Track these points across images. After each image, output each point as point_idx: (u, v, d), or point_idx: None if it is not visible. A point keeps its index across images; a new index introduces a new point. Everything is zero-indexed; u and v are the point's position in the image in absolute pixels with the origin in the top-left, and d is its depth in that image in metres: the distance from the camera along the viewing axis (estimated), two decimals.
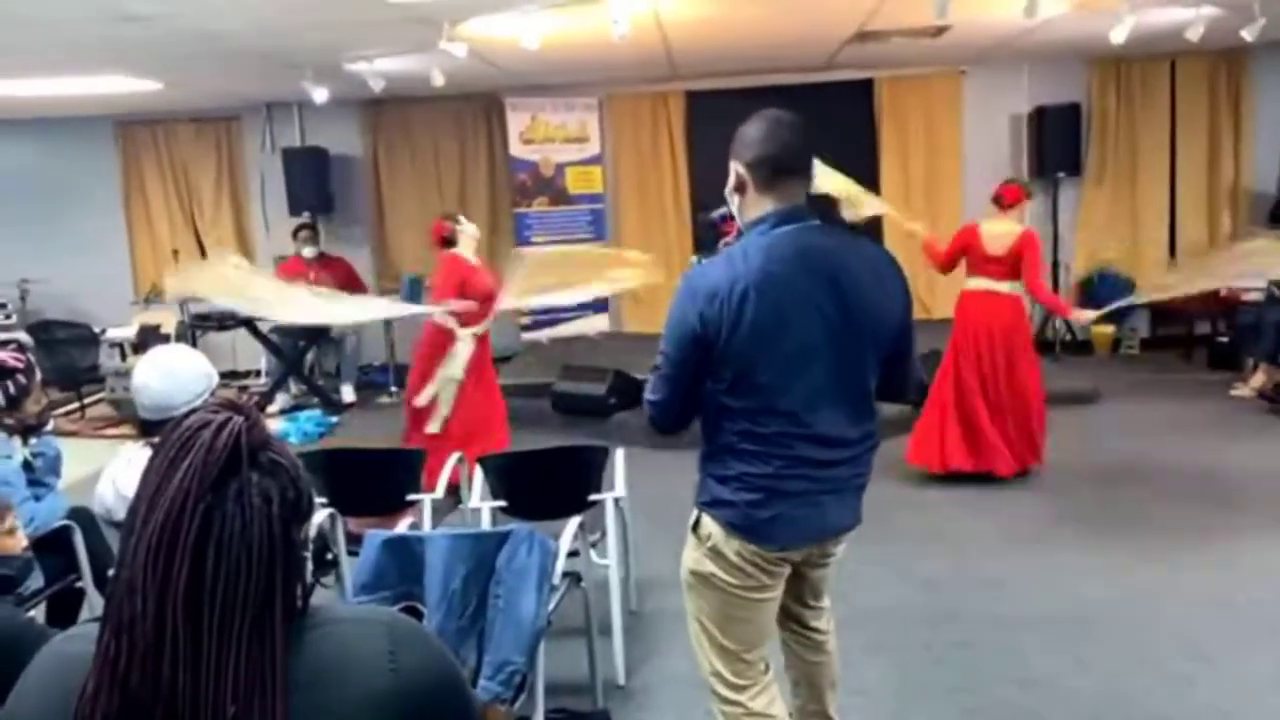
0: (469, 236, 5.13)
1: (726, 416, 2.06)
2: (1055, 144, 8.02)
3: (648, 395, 2.14)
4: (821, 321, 2.01)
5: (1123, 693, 3.07)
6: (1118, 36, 5.85)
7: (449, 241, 5.12)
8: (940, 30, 6.31)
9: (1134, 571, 3.95)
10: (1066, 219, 8.26)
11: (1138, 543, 4.25)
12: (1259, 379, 6.51)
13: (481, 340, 5.08)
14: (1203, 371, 7.39)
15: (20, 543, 2.60)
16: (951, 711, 3.03)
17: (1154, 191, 8.24)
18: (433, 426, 4.88)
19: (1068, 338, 8.15)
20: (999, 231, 4.90)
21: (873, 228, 6.59)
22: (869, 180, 8.44)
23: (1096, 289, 8.16)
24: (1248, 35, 5.88)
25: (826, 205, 4.15)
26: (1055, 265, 8.19)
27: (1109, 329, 8.22)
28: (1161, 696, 3.04)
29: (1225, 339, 7.46)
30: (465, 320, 4.98)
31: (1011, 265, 4.86)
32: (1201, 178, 8.20)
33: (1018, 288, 4.94)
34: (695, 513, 2.18)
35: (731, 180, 2.09)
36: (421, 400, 4.95)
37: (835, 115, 8.34)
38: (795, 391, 2.01)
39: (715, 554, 2.13)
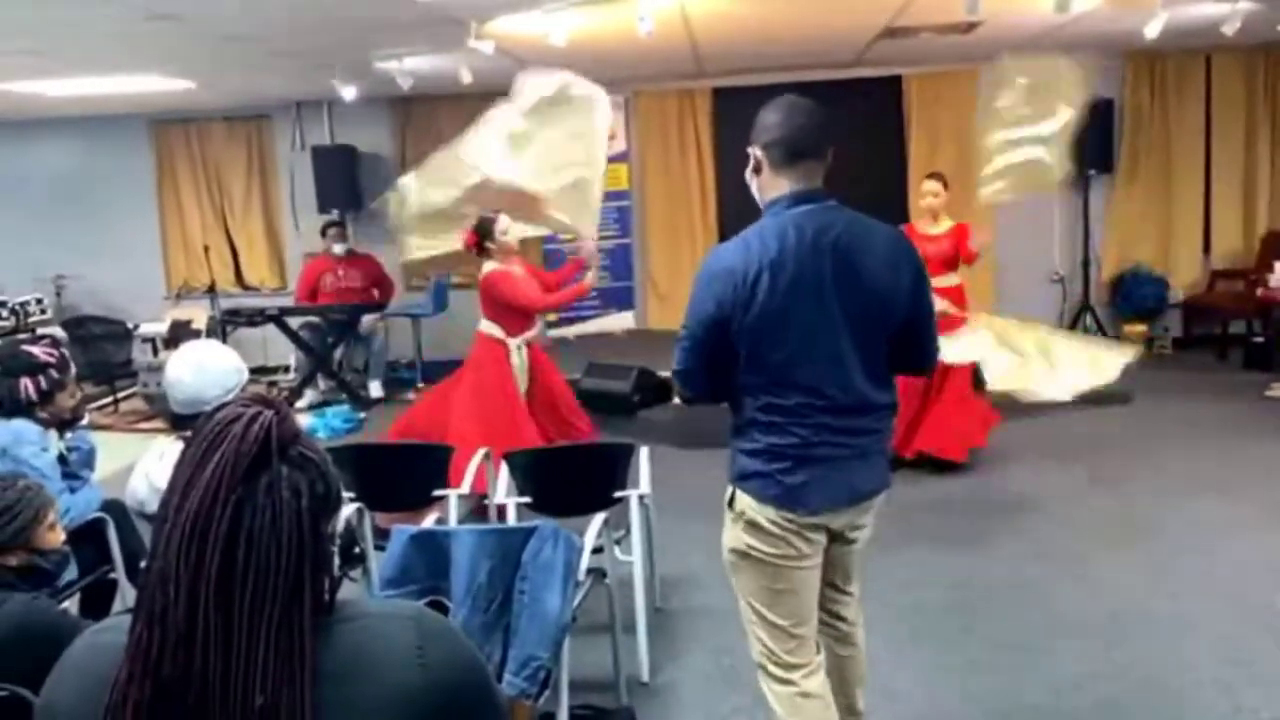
0: (500, 247, 4.76)
1: (748, 391, 2.16)
2: (1087, 141, 7.88)
3: (674, 365, 2.23)
4: (835, 297, 2.09)
5: (1159, 698, 3.02)
6: (1151, 31, 5.76)
7: (481, 249, 4.82)
8: (971, 26, 6.24)
9: (1170, 575, 3.89)
10: (1097, 216, 8.15)
11: (1172, 546, 4.18)
12: None
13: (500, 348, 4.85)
14: (1238, 372, 7.26)
15: (60, 537, 2.65)
16: (982, 716, 3.00)
17: (1188, 189, 8.11)
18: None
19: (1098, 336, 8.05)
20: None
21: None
22: (898, 178, 8.44)
23: (1128, 288, 8.06)
24: None
25: None
26: (1086, 263, 8.09)
27: (1141, 328, 8.10)
28: (1199, 702, 2.99)
29: (1261, 339, 7.33)
30: (511, 329, 4.82)
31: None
32: (1237, 175, 8.06)
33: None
34: (729, 489, 2.23)
35: (750, 164, 2.21)
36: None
37: (864, 112, 8.29)
38: (812, 365, 2.11)
39: (752, 526, 2.18)
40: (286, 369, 8.46)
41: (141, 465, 2.90)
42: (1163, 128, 8.08)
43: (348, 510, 3.32)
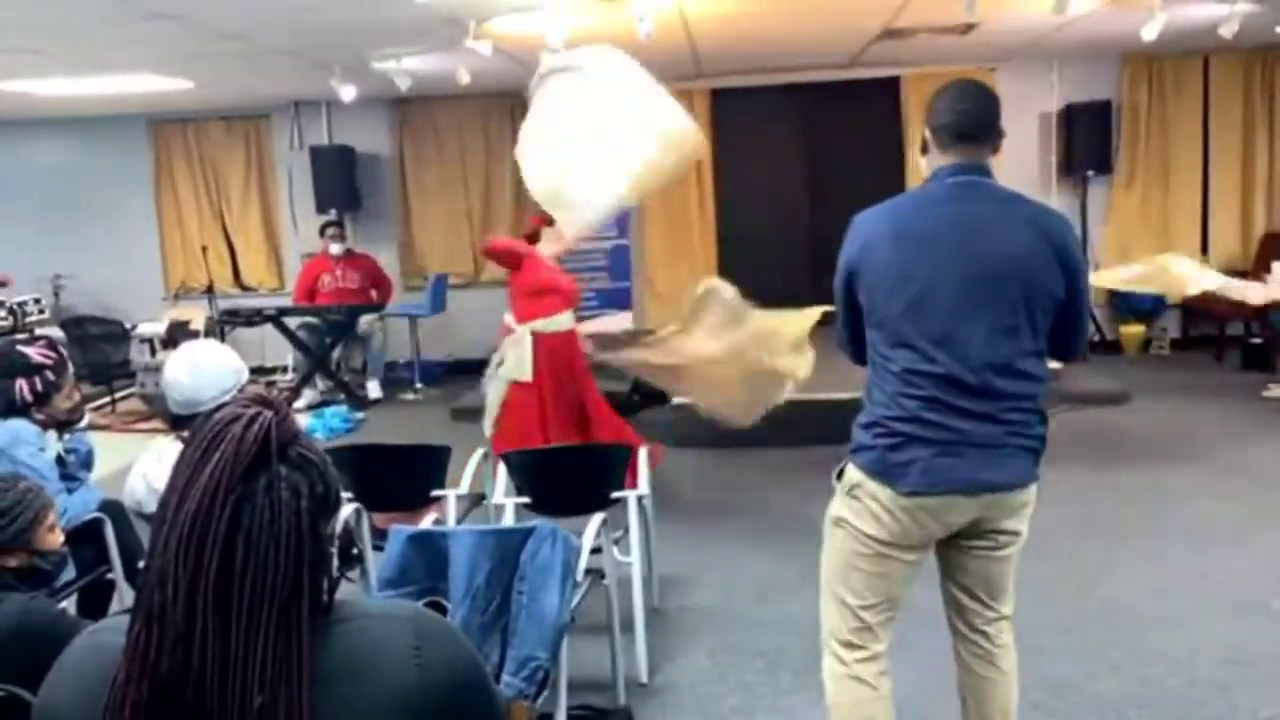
0: (552, 233, 4.64)
1: (872, 350, 2.17)
2: (1085, 142, 7.92)
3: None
4: (962, 265, 2.04)
5: (1154, 697, 3.03)
6: (1149, 33, 5.77)
7: (533, 237, 4.67)
8: (968, 27, 6.25)
9: (1166, 575, 3.90)
10: (1096, 217, 8.17)
11: (1169, 546, 4.19)
12: None
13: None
14: (1235, 372, 7.28)
15: (59, 539, 2.64)
16: None
17: (1186, 190, 8.12)
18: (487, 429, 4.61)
19: (1096, 338, 8.06)
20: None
21: None
22: (896, 178, 8.44)
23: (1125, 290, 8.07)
24: None
25: None
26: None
27: (1139, 329, 8.12)
28: (1195, 701, 3.00)
29: (1258, 340, 7.34)
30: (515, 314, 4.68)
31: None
32: (1235, 177, 8.07)
33: None
34: (843, 462, 2.20)
35: (920, 145, 2.26)
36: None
37: (861, 113, 8.31)
38: (922, 328, 2.05)
39: (852, 498, 2.15)
40: (285, 369, 8.46)
41: (139, 465, 2.89)
42: (1161, 129, 8.09)
43: (346, 511, 3.32)
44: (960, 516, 2.11)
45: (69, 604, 3.08)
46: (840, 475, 2.20)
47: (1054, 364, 2.24)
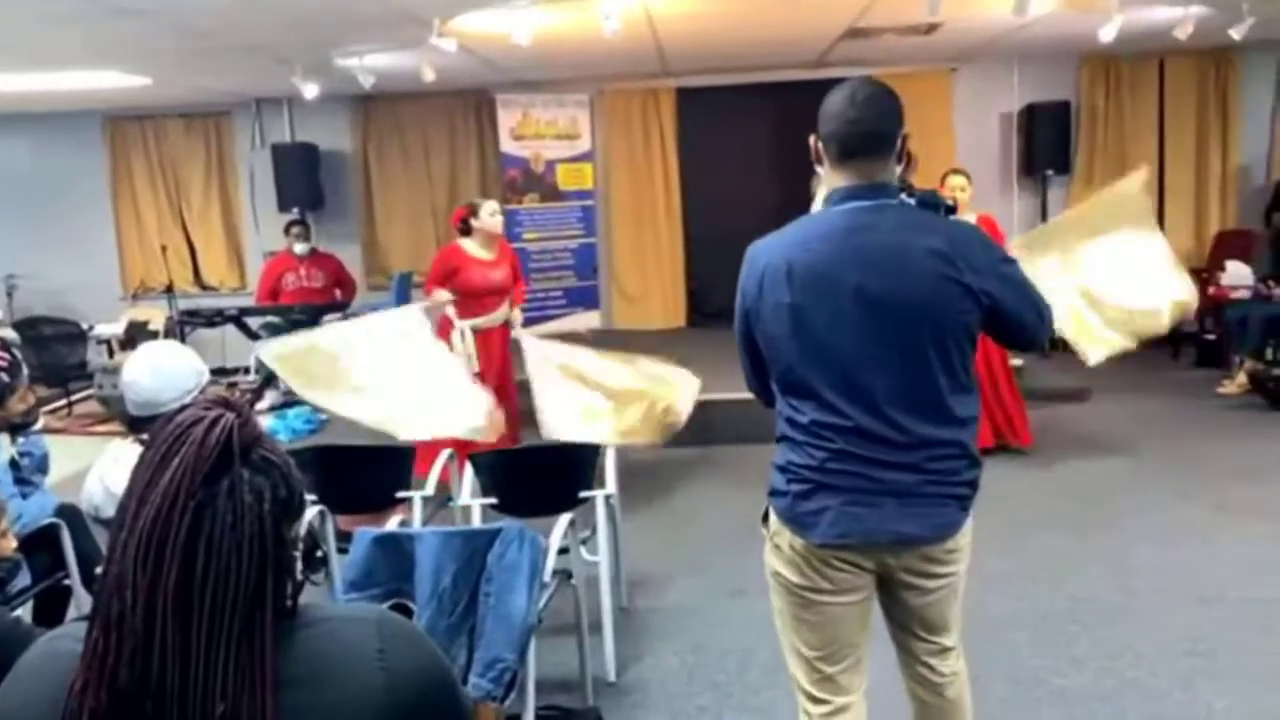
0: (483, 229, 4.92)
1: (779, 398, 2.01)
2: (1045, 142, 8.04)
3: None
4: (861, 308, 1.85)
5: (1116, 690, 3.08)
6: (1107, 35, 5.88)
7: (465, 229, 4.96)
8: (931, 28, 6.33)
9: (1126, 569, 3.96)
10: (1055, 217, 8.29)
11: (1131, 540, 4.26)
12: (1244, 376, 6.56)
13: (499, 337, 4.99)
14: (1190, 369, 7.44)
15: (11, 545, 2.58)
16: None
17: None
18: None
19: (1059, 335, 8.18)
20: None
21: None
22: None
23: None
24: (1236, 34, 5.93)
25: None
26: None
27: None
28: (1156, 694, 3.05)
29: (1212, 336, 7.50)
30: (461, 312, 4.89)
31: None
32: (1189, 176, 8.25)
33: None
34: (766, 504, 2.06)
35: (811, 152, 2.01)
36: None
37: None
38: (825, 377, 1.89)
39: (775, 547, 2.03)
40: (246, 370, 8.34)
41: (96, 469, 2.83)
42: (1117, 129, 8.24)
43: (310, 513, 3.28)
44: (878, 565, 1.97)
45: (24, 611, 3.02)
46: (766, 519, 2.06)
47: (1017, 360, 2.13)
